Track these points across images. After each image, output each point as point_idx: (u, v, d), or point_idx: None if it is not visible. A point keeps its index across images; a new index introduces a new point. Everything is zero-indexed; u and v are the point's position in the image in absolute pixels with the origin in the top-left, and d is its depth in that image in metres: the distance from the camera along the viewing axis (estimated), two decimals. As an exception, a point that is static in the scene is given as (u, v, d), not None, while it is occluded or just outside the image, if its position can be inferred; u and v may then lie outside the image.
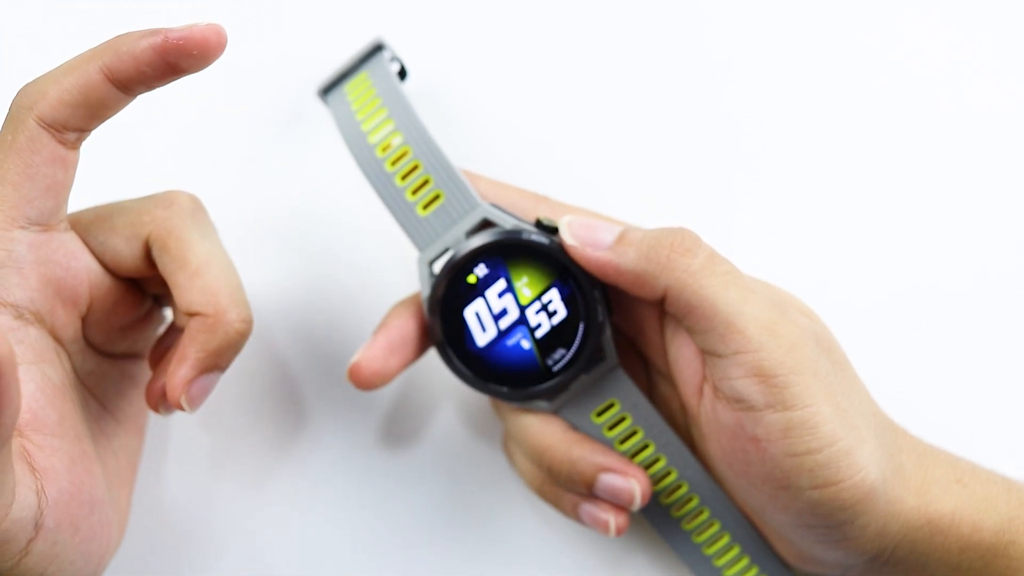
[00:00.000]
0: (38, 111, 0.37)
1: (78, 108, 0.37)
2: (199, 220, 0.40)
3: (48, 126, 0.37)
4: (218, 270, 0.39)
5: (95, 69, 0.37)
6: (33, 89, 0.37)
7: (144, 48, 0.37)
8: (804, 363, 0.39)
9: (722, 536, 0.44)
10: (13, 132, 0.37)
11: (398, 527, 0.48)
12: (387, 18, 0.51)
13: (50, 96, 0.37)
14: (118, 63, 0.37)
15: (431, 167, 0.42)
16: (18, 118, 0.37)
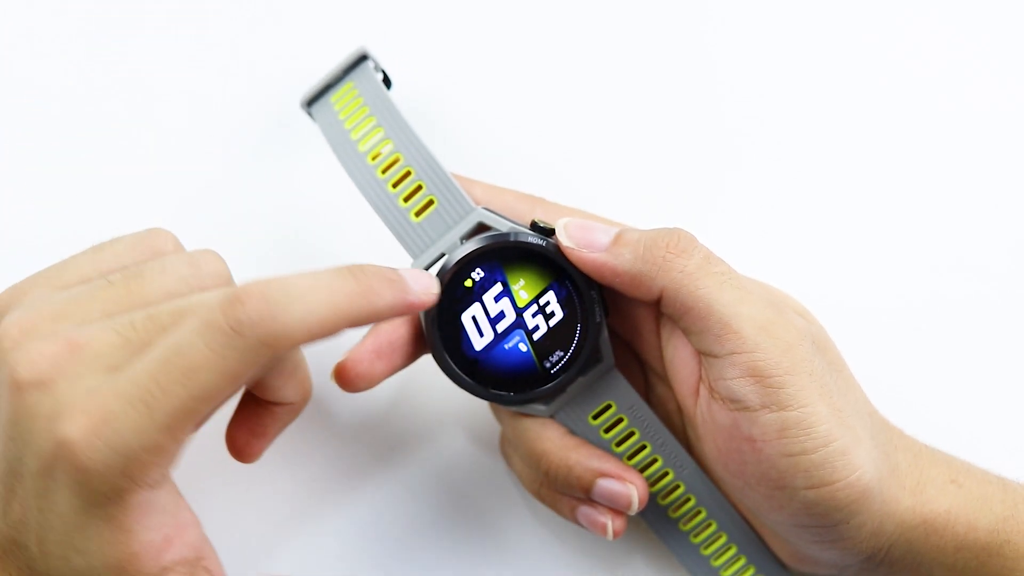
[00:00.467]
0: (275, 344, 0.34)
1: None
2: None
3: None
4: (306, 361, 0.41)
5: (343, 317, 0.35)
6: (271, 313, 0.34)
7: (388, 306, 0.36)
8: (799, 363, 0.39)
9: (719, 536, 0.44)
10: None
11: (396, 530, 0.48)
12: (372, 25, 0.51)
13: (296, 333, 0.34)
14: (363, 315, 0.36)
15: (423, 173, 0.42)
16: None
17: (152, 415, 0.32)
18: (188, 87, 0.51)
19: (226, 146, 0.51)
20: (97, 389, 0.33)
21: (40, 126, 0.51)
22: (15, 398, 0.33)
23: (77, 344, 0.33)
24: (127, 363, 0.33)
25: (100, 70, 0.51)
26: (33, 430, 0.33)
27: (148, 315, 0.34)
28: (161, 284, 0.35)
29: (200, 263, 0.36)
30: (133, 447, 0.32)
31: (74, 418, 0.32)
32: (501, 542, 0.49)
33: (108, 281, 0.35)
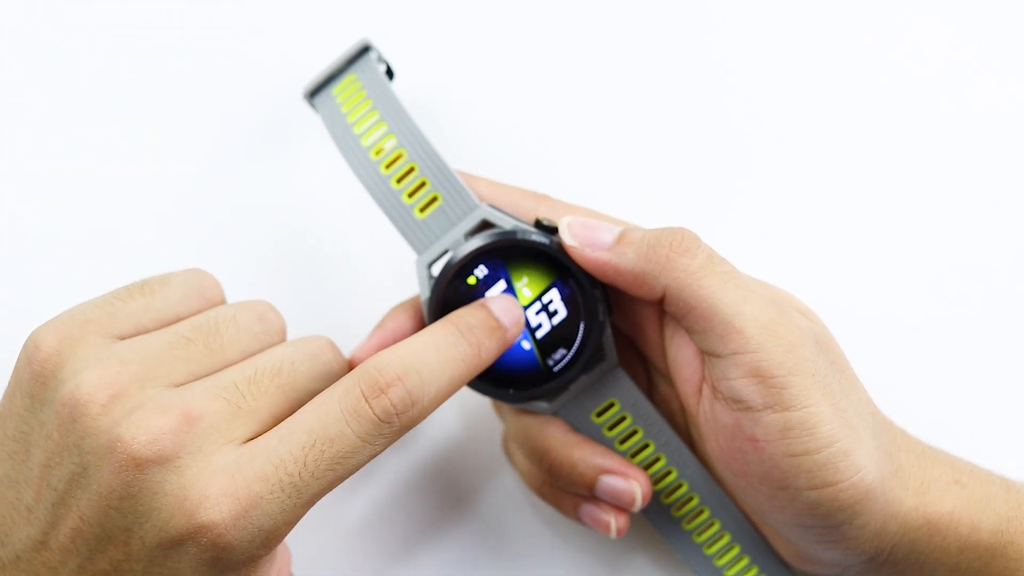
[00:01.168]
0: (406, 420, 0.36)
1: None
2: None
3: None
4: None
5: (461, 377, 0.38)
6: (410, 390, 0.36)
7: (494, 356, 0.39)
8: (803, 363, 0.39)
9: (722, 536, 0.44)
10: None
11: (397, 528, 0.48)
12: (376, 18, 0.51)
13: (430, 411, 0.36)
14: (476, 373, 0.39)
15: (427, 169, 0.42)
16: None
17: (300, 497, 0.34)
18: (188, 85, 0.51)
19: (227, 144, 0.51)
20: (236, 469, 0.33)
21: (39, 125, 0.51)
22: (129, 474, 0.33)
23: (191, 416, 0.33)
24: (251, 436, 0.34)
25: (99, 69, 0.51)
26: (157, 507, 0.33)
27: (247, 379, 0.35)
28: (238, 342, 0.36)
29: (267, 319, 0.38)
30: (279, 525, 0.34)
31: (219, 502, 0.33)
32: (503, 540, 0.49)
33: (186, 338, 0.35)
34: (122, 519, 0.33)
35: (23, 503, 0.34)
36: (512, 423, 0.45)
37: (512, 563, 0.48)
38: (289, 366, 0.36)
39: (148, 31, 0.52)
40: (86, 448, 0.33)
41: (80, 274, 0.49)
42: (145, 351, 0.35)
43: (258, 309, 0.38)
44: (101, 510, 0.33)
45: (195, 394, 0.34)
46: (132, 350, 0.35)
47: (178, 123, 0.51)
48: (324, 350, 0.38)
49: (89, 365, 0.34)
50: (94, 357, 0.35)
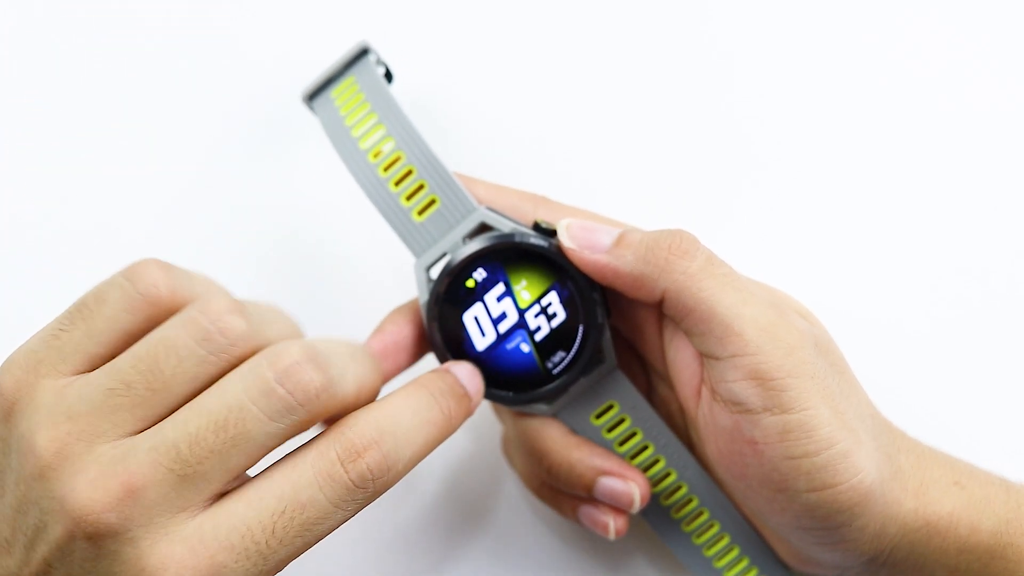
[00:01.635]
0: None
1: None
2: None
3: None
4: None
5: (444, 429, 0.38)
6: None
7: (460, 423, 0.39)
8: (802, 366, 0.39)
9: (722, 537, 0.44)
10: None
11: (397, 528, 0.48)
12: (375, 20, 0.51)
13: (403, 474, 0.35)
14: (444, 439, 0.38)
15: (425, 172, 0.42)
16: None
17: (266, 564, 0.33)
18: (188, 85, 0.51)
19: (227, 144, 0.51)
20: (197, 540, 0.32)
21: (39, 125, 0.51)
22: (83, 541, 0.32)
23: (133, 488, 0.32)
24: (206, 498, 0.33)
25: (99, 69, 0.51)
26: (116, 572, 0.32)
27: (189, 439, 0.32)
28: (182, 374, 0.33)
29: (212, 336, 0.34)
30: None
31: (178, 573, 0.32)
32: (503, 541, 0.49)
33: (125, 383, 0.33)
34: (86, 575, 0.32)
35: (2, 535, 0.34)
36: (511, 425, 0.45)
37: (511, 564, 0.48)
38: (237, 414, 0.32)
39: (148, 31, 0.51)
40: (44, 508, 0.32)
41: (80, 274, 0.49)
42: (92, 400, 0.33)
43: (201, 325, 0.33)
44: (65, 563, 0.33)
45: (138, 461, 0.32)
46: (80, 399, 0.33)
47: (178, 123, 0.51)
48: (284, 377, 0.33)
49: (39, 423, 0.33)
50: (44, 410, 0.33)
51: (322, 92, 0.44)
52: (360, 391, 0.35)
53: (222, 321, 0.33)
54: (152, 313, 0.35)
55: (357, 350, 0.37)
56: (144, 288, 0.35)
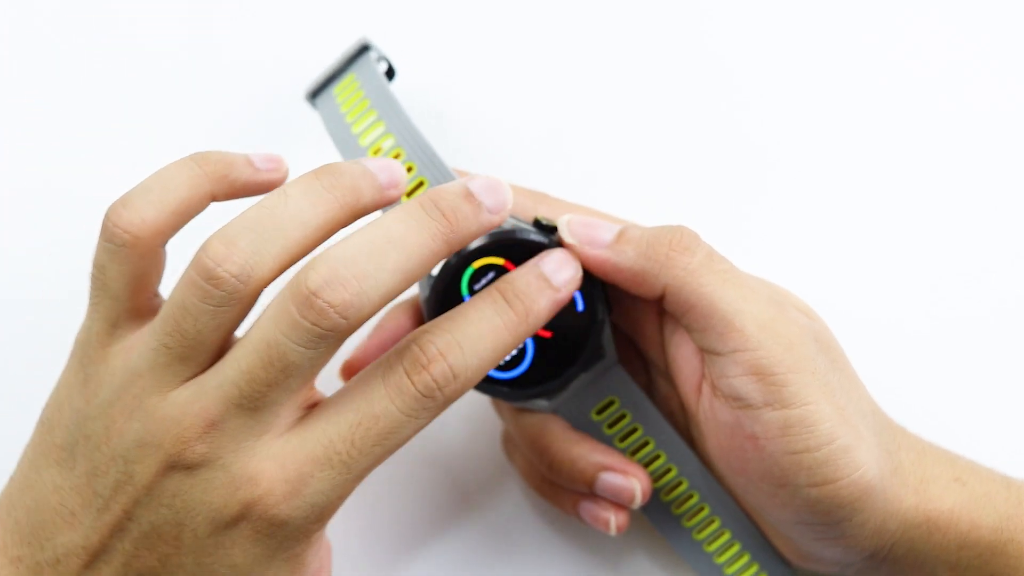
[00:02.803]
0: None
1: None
2: None
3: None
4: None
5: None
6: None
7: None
8: (802, 361, 0.39)
9: (722, 533, 0.44)
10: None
11: (397, 526, 0.48)
12: (376, 17, 0.51)
13: (475, 382, 0.36)
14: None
15: (425, 168, 0.42)
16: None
17: (350, 473, 0.35)
18: (188, 85, 0.51)
19: (226, 144, 0.51)
20: (284, 456, 0.34)
21: (39, 125, 0.51)
22: (177, 476, 0.34)
23: (212, 422, 0.34)
24: (291, 422, 0.35)
25: (99, 69, 0.51)
26: (208, 501, 0.34)
27: (245, 376, 0.34)
28: (205, 328, 0.35)
29: (210, 292, 0.34)
30: (331, 499, 0.35)
31: (271, 487, 0.34)
32: (503, 538, 0.49)
33: (166, 346, 0.35)
34: (173, 514, 0.35)
35: (67, 508, 0.36)
36: (512, 421, 0.45)
37: (512, 560, 0.48)
38: (276, 350, 0.34)
39: (148, 31, 0.51)
40: (131, 457, 0.35)
41: (80, 274, 0.49)
42: (148, 359, 0.35)
43: (198, 284, 0.34)
44: (151, 508, 0.35)
45: (210, 398, 0.34)
46: (141, 358, 0.35)
47: (178, 123, 0.51)
48: (305, 310, 0.34)
49: (116, 386, 0.36)
50: (119, 373, 0.36)
51: (324, 89, 0.45)
52: (408, 275, 0.35)
53: (213, 276, 0.34)
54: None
55: (399, 229, 0.35)
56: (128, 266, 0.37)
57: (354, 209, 0.36)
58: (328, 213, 0.36)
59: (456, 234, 0.35)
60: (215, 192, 0.38)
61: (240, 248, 0.34)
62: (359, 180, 0.36)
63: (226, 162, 0.38)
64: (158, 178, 0.37)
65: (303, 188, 0.36)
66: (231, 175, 0.38)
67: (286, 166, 0.40)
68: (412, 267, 0.35)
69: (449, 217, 0.35)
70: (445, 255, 0.36)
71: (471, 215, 0.36)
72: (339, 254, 0.34)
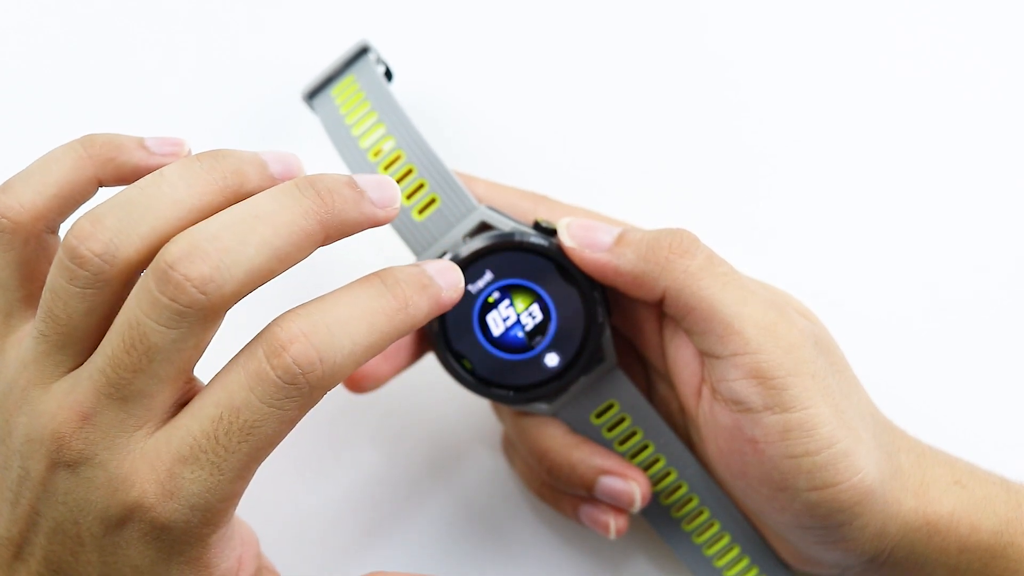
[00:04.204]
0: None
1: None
2: None
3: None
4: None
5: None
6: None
7: (425, 315, 0.35)
8: (802, 364, 0.39)
9: (722, 536, 0.44)
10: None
11: (397, 529, 0.48)
12: (374, 20, 0.51)
13: (346, 368, 0.33)
14: (404, 330, 0.35)
15: (425, 171, 0.42)
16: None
17: (221, 471, 0.32)
18: (188, 85, 0.51)
19: (225, 144, 0.51)
20: (154, 455, 0.32)
21: (38, 125, 0.51)
22: (62, 474, 0.33)
23: (85, 415, 0.33)
24: (156, 417, 0.33)
25: (98, 69, 0.51)
26: (93, 499, 0.33)
27: (111, 362, 0.32)
28: (75, 311, 0.33)
29: (75, 272, 0.33)
30: (210, 501, 0.32)
31: (144, 488, 0.32)
32: (503, 541, 0.49)
33: (42, 334, 0.33)
34: (69, 512, 0.33)
35: None
36: (511, 425, 0.45)
37: (512, 563, 0.48)
38: (137, 330, 0.32)
39: (147, 31, 0.51)
40: (24, 452, 0.34)
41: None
42: (31, 348, 0.34)
43: (64, 264, 0.33)
44: (50, 503, 0.34)
45: (83, 390, 0.33)
46: (26, 349, 0.34)
47: (177, 123, 0.51)
48: (162, 283, 0.32)
49: (6, 378, 0.35)
50: (11, 365, 0.35)
51: (322, 91, 0.44)
52: (278, 254, 0.32)
53: (77, 255, 0.32)
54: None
55: (271, 205, 0.33)
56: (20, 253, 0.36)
57: (236, 194, 0.34)
58: (206, 196, 0.33)
59: (333, 216, 0.33)
60: (101, 176, 0.36)
61: (105, 226, 0.32)
62: (244, 164, 0.34)
63: (114, 144, 0.36)
64: (40, 162, 0.35)
65: (181, 169, 0.33)
66: (119, 158, 0.36)
67: (187, 149, 0.37)
68: (281, 244, 0.32)
69: (324, 197, 0.33)
70: (320, 238, 0.33)
71: (350, 200, 0.34)
72: (202, 228, 0.32)
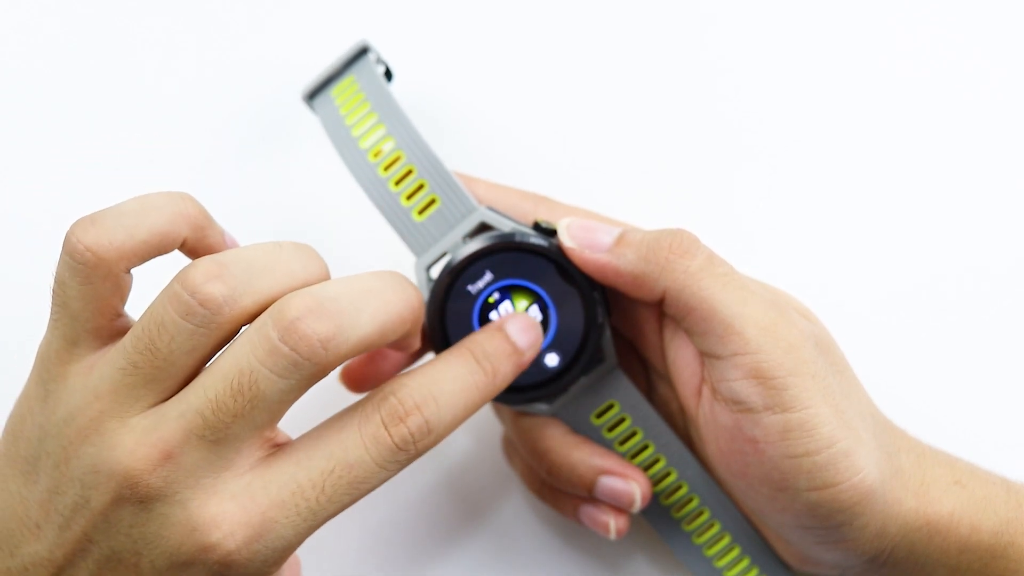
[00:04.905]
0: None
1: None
2: None
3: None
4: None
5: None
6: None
7: (509, 380, 0.39)
8: (802, 365, 0.39)
9: (723, 537, 0.44)
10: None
11: (397, 530, 0.48)
12: (374, 20, 0.51)
13: (445, 436, 0.36)
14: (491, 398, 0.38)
15: (425, 172, 0.42)
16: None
17: (315, 520, 0.34)
18: (187, 85, 0.51)
19: (226, 144, 0.51)
20: (248, 497, 0.33)
21: (37, 125, 0.51)
22: (132, 506, 0.33)
23: (170, 453, 0.33)
24: (254, 461, 0.34)
25: (97, 69, 0.51)
26: (165, 536, 0.33)
27: (211, 405, 0.33)
28: (179, 349, 0.33)
29: (193, 308, 0.33)
30: (292, 545, 0.34)
31: (232, 530, 0.33)
32: (503, 541, 0.49)
33: (133, 365, 0.34)
34: (131, 543, 0.33)
35: (32, 520, 0.35)
36: (511, 425, 0.45)
37: (512, 564, 0.48)
38: (248, 377, 0.33)
39: (147, 31, 0.51)
40: (87, 482, 0.33)
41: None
42: (111, 379, 0.34)
43: (182, 299, 0.33)
44: (109, 533, 0.34)
45: (169, 428, 0.33)
46: (102, 379, 0.34)
47: (177, 123, 0.51)
48: (287, 334, 0.33)
49: (75, 405, 0.34)
50: (78, 393, 0.34)
51: (322, 91, 0.44)
52: (384, 328, 0.35)
53: (200, 293, 0.33)
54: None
55: (378, 284, 0.35)
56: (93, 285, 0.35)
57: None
58: (313, 278, 0.35)
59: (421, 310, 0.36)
60: (188, 239, 0.36)
61: (232, 273, 0.33)
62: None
63: (208, 217, 0.37)
64: (138, 203, 0.35)
65: (297, 248, 0.36)
66: (208, 231, 0.37)
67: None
68: (390, 321, 0.35)
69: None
70: (416, 329, 0.36)
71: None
72: (320, 290, 0.33)
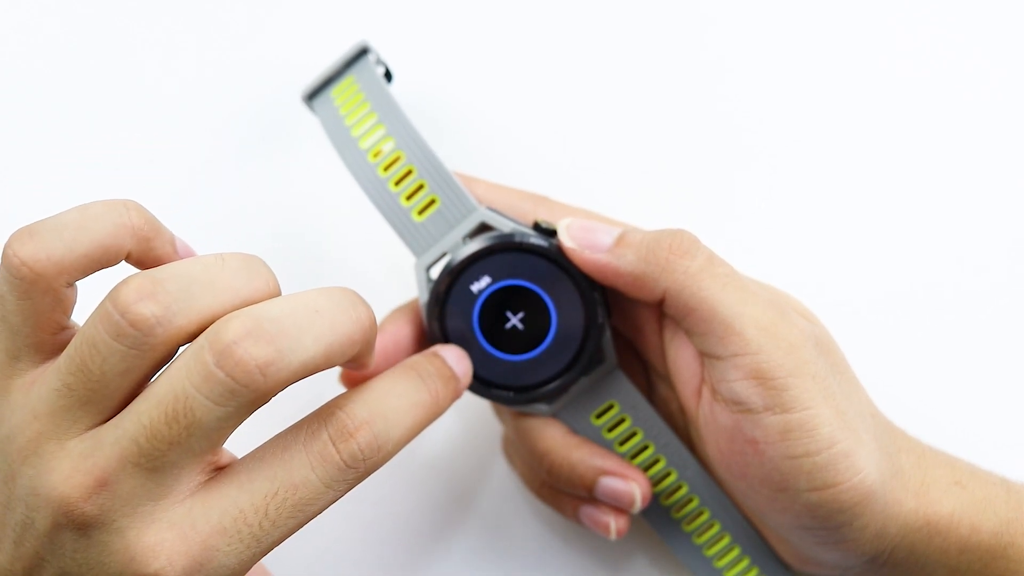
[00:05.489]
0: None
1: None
2: None
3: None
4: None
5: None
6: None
7: (447, 406, 0.39)
8: (803, 365, 0.39)
9: (723, 537, 0.44)
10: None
11: (397, 531, 0.48)
12: (374, 20, 0.51)
13: (393, 454, 0.35)
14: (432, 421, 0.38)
15: (425, 172, 0.42)
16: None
17: (259, 546, 0.32)
18: (187, 85, 0.51)
19: (225, 144, 0.51)
20: (188, 525, 0.32)
21: (37, 125, 0.51)
22: (71, 532, 0.32)
23: (105, 481, 0.32)
24: (193, 487, 0.32)
25: (97, 69, 0.51)
26: (105, 563, 0.32)
27: (145, 432, 0.31)
28: (111, 371, 0.32)
29: (124, 329, 0.31)
30: (236, 572, 0.32)
31: (171, 560, 0.31)
32: (503, 542, 0.49)
33: (68, 387, 0.32)
34: (77, 567, 0.32)
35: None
36: (511, 426, 0.45)
37: (512, 564, 0.48)
38: (184, 403, 0.31)
39: (147, 31, 0.51)
40: (29, 504, 0.32)
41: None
42: (47, 400, 0.33)
43: (112, 319, 0.31)
44: (56, 555, 0.33)
45: (104, 455, 0.32)
46: (40, 399, 0.33)
47: (176, 124, 0.51)
48: (222, 359, 0.31)
49: (15, 424, 0.33)
50: (19, 411, 0.33)
51: (322, 92, 0.44)
52: (330, 350, 0.32)
53: (130, 313, 0.31)
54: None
55: (326, 303, 0.33)
56: (29, 295, 0.33)
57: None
58: (258, 293, 0.33)
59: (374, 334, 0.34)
60: (132, 251, 0.34)
61: (167, 290, 0.31)
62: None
63: (155, 227, 0.34)
64: (77, 214, 0.33)
65: (243, 261, 0.33)
66: (155, 242, 0.34)
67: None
68: (337, 342, 0.32)
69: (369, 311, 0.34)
70: (368, 349, 0.34)
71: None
72: (261, 310, 0.31)
